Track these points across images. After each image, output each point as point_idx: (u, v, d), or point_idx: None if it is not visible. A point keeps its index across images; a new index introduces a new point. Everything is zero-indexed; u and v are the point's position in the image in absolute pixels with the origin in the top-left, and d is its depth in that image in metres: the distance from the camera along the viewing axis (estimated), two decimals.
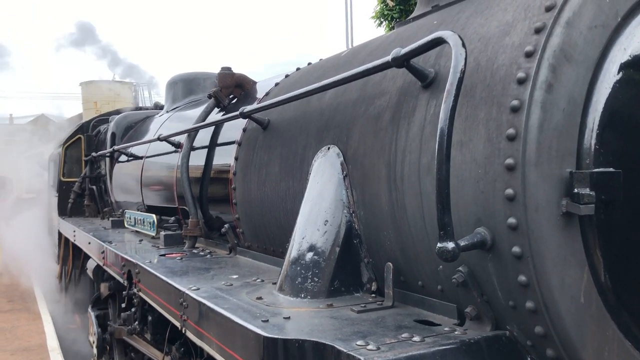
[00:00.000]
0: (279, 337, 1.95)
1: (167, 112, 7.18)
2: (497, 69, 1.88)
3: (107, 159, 8.00)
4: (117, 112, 9.36)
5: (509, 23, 1.97)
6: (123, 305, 4.52)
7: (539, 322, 1.77)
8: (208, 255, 4.09)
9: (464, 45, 1.85)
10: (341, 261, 2.55)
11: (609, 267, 1.83)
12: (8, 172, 17.38)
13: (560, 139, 1.75)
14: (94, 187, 9.01)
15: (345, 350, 1.75)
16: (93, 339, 5.79)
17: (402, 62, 2.14)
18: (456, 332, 1.94)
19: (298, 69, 4.12)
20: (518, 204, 1.72)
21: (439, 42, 1.96)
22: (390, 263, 2.36)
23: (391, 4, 16.24)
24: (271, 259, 3.54)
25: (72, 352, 8.03)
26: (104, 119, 9.76)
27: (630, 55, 1.87)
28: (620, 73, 1.85)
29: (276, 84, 4.05)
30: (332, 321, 2.16)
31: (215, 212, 4.45)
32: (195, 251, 4.37)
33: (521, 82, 1.76)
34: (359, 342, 1.83)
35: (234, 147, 3.97)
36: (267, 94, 4.02)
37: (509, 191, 1.74)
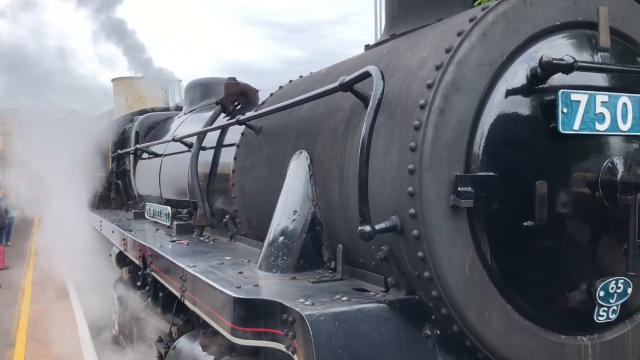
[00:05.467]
0: (244, 297, 2.59)
1: (185, 113, 7.88)
2: (410, 96, 2.48)
3: (131, 156, 8.73)
4: (141, 112, 10.09)
5: (424, 59, 2.57)
6: (138, 284, 5.21)
7: (434, 288, 2.36)
8: (211, 242, 4.75)
9: (382, 78, 2.45)
10: (306, 244, 3.17)
11: (492, 247, 2.41)
12: (42, 167, 18.28)
13: (450, 150, 2.34)
14: (120, 181, 9.77)
15: (286, 304, 2.37)
16: (115, 316, 6.52)
17: (346, 87, 2.74)
18: (377, 296, 2.54)
19: (291, 81, 4.73)
20: (416, 198, 2.32)
21: (368, 74, 2.56)
22: (340, 245, 2.98)
23: None
24: (261, 244, 4.16)
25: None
26: (129, 118, 10.51)
27: (512, 87, 2.44)
28: (504, 101, 2.42)
29: (271, 94, 4.68)
30: (290, 288, 2.79)
31: (219, 205, 5.10)
32: (201, 238, 5.04)
33: (422, 107, 2.35)
34: (301, 300, 2.45)
35: (234, 148, 4.61)
36: (262, 103, 4.65)
37: (410, 189, 2.33)
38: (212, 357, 3.18)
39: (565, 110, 2.38)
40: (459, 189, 2.30)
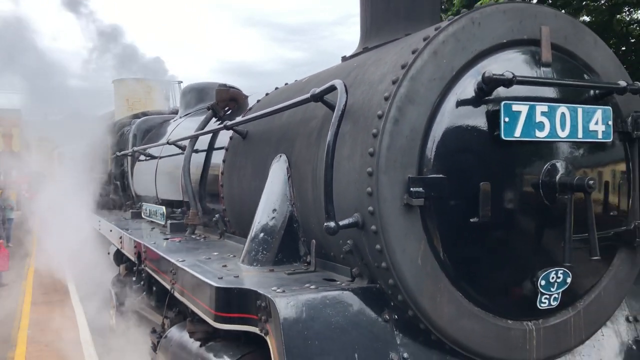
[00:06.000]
0: (224, 286, 2.89)
1: (181, 117, 8.18)
2: (371, 107, 2.78)
3: (129, 158, 9.04)
4: (138, 116, 10.38)
5: (384, 74, 2.87)
6: (134, 279, 5.52)
7: (390, 277, 2.67)
8: (202, 239, 5.06)
9: (346, 91, 2.76)
10: (284, 239, 3.48)
11: (443, 240, 2.71)
12: (42, 167, 18.58)
13: (404, 155, 2.64)
14: (118, 182, 10.08)
15: (260, 292, 2.68)
16: (112, 312, 6.82)
17: (317, 98, 3.05)
18: (342, 285, 2.85)
19: (276, 88, 5.04)
20: (374, 198, 2.62)
21: (334, 87, 2.86)
22: (314, 240, 3.28)
23: None
24: None
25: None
26: (127, 121, 10.81)
27: (461, 99, 2.74)
28: (453, 111, 2.73)
29: (258, 101, 4.98)
30: (267, 279, 3.09)
31: (211, 205, 5.40)
32: (193, 236, 5.34)
33: (380, 117, 2.66)
34: (273, 288, 2.75)
35: (224, 151, 4.91)
36: (250, 109, 4.96)
37: (369, 189, 2.64)
38: (199, 343, 3.48)
39: (507, 119, 2.68)
40: (411, 189, 2.61)
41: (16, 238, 19.60)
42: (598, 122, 2.91)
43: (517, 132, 2.71)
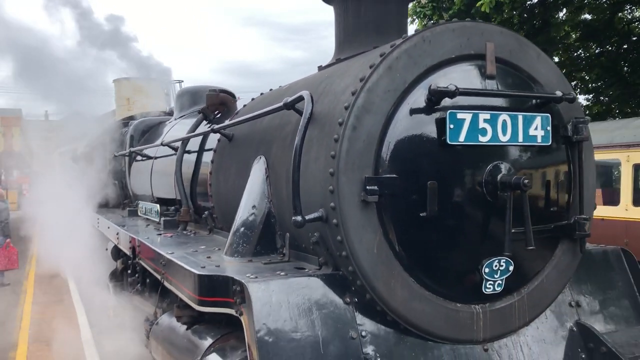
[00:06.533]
0: (204, 273, 3.27)
1: (175, 119, 8.55)
2: (334, 115, 3.15)
3: (126, 158, 9.41)
4: (134, 117, 10.74)
5: (346, 85, 3.24)
6: (129, 272, 5.90)
7: (350, 264, 3.04)
8: (192, 235, 5.44)
9: (312, 101, 3.14)
10: (262, 233, 3.85)
11: (396, 232, 3.08)
12: (44, 168, 18.91)
13: (361, 158, 3.01)
14: (117, 181, 10.45)
15: (236, 278, 3.05)
16: (110, 303, 7.20)
17: (289, 106, 3.42)
18: (309, 272, 3.22)
19: (262, 93, 5.41)
20: (335, 195, 2.99)
21: (302, 97, 3.23)
22: (288, 233, 3.65)
23: (423, 1, 16.68)
24: None
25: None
26: (125, 122, 11.17)
27: (413, 108, 3.11)
28: (406, 119, 3.10)
29: (244, 105, 5.36)
30: (244, 268, 3.46)
31: (201, 202, 5.78)
32: (185, 232, 5.72)
33: (340, 124, 3.03)
34: (248, 275, 3.12)
35: (212, 153, 5.28)
36: (236, 113, 5.33)
37: (331, 187, 3.01)
38: (185, 327, 3.86)
39: (452, 126, 3.05)
40: (367, 187, 2.98)
41: (16, 237, 19.80)
42: (537, 128, 3.28)
43: (462, 137, 3.08)
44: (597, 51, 19.42)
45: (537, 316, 3.54)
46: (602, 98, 20.49)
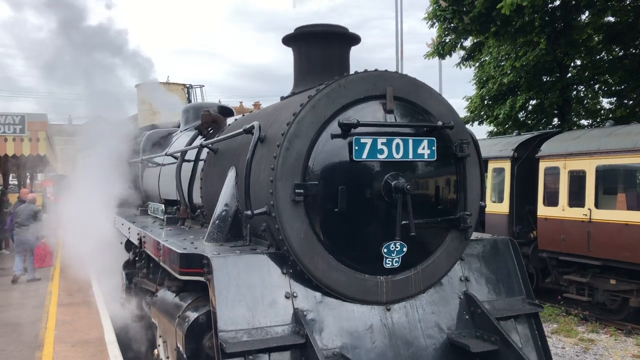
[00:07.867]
0: (183, 252, 4.57)
1: (181, 131, 9.91)
2: (276, 139, 4.42)
3: (140, 164, 10.79)
4: (151, 127, 12.09)
5: (286, 118, 4.51)
6: (137, 258, 7.24)
7: (285, 245, 4.30)
8: (187, 228, 6.76)
9: (260, 129, 4.42)
10: (232, 225, 5.14)
11: (319, 222, 4.34)
12: (67, 171, 20.21)
13: (292, 170, 4.27)
14: (132, 184, 11.81)
15: (206, 254, 4.33)
16: (123, 287, 8.57)
17: (247, 131, 4.70)
18: (258, 251, 4.50)
19: (243, 115, 6.70)
20: (274, 196, 4.26)
21: (253, 126, 4.52)
22: (249, 224, 4.94)
23: (444, 4, 16.73)
24: None
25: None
26: (139, 132, 12.52)
27: (331, 134, 4.37)
28: (326, 142, 4.35)
29: (229, 124, 6.66)
30: (215, 249, 4.75)
31: (195, 202, 7.09)
32: (182, 227, 7.04)
33: (278, 146, 4.29)
34: (214, 253, 4.41)
35: (203, 162, 6.59)
36: (223, 130, 6.63)
37: (271, 190, 4.28)
38: (174, 294, 5.16)
39: (357, 147, 4.31)
40: (296, 190, 4.24)
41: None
42: (424, 148, 4.53)
43: (364, 155, 4.34)
44: (620, 54, 19.15)
45: (431, 286, 4.77)
46: (625, 101, 20.34)
